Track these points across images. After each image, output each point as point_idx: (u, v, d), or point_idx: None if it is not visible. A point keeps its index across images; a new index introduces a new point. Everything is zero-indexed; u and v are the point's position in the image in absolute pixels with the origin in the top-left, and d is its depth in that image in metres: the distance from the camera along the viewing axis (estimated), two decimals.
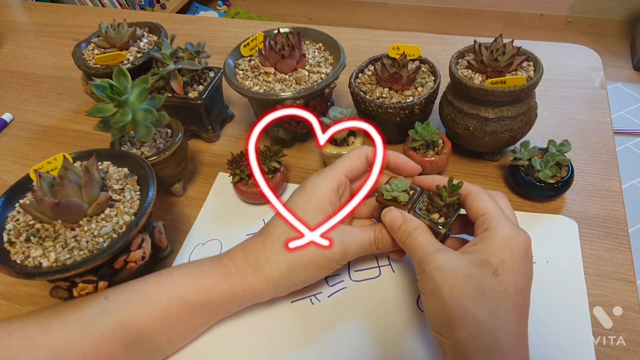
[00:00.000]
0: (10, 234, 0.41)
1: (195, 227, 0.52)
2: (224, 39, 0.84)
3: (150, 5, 2.28)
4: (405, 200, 0.40)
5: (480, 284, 0.32)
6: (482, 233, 0.36)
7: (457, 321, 0.32)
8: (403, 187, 0.41)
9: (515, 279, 0.33)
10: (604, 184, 0.52)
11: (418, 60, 0.58)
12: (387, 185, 0.41)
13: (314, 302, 0.44)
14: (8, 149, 0.66)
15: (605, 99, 0.64)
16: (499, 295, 0.32)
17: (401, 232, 0.38)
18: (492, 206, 0.37)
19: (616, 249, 0.46)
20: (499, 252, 0.34)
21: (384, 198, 0.41)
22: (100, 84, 0.45)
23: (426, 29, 2.33)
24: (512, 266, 0.33)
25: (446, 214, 0.39)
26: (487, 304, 0.32)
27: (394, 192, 0.41)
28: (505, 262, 0.33)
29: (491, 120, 0.49)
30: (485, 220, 0.36)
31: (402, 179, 0.42)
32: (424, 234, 0.37)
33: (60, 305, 0.38)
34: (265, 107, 0.55)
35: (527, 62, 0.51)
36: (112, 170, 0.46)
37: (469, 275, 0.33)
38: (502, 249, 0.34)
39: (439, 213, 0.40)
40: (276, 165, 0.52)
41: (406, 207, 0.40)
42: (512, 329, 0.32)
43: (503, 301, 0.32)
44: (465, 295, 0.32)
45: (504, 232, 0.35)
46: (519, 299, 0.33)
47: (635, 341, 0.40)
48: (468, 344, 0.32)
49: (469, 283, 0.32)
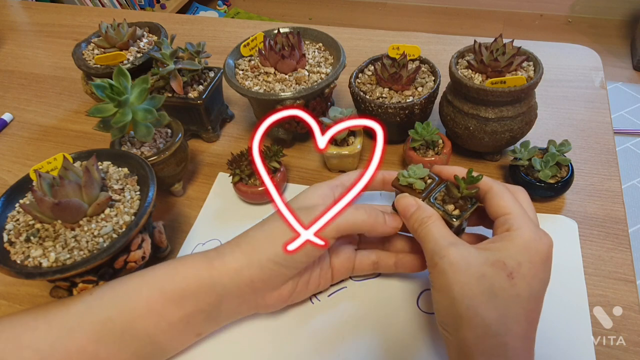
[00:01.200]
0: (10, 234, 0.41)
1: (195, 227, 0.52)
2: (224, 39, 0.84)
3: (150, 5, 2.28)
4: (421, 188, 0.39)
5: (493, 285, 0.31)
6: (503, 233, 0.34)
7: (465, 321, 0.31)
8: (421, 174, 0.40)
9: (531, 284, 0.32)
10: (604, 184, 0.52)
11: (418, 60, 0.58)
12: (405, 171, 0.40)
13: (314, 301, 0.44)
14: (8, 149, 0.66)
15: (605, 99, 0.64)
16: (510, 299, 0.31)
17: (414, 219, 0.37)
18: (515, 206, 0.35)
19: (616, 249, 0.46)
20: (517, 254, 0.32)
21: (399, 184, 0.40)
22: (100, 84, 0.45)
23: (426, 29, 2.33)
24: (529, 271, 0.32)
25: (462, 207, 0.38)
26: (498, 307, 0.31)
27: (410, 179, 0.40)
28: (522, 266, 0.32)
29: (491, 120, 0.49)
30: (506, 220, 0.35)
31: (420, 166, 0.41)
32: (437, 224, 0.36)
33: (48, 305, 0.37)
34: (265, 107, 0.55)
35: (527, 62, 0.51)
36: (112, 170, 0.46)
37: (482, 276, 0.32)
38: (521, 251, 0.33)
39: (455, 205, 0.39)
40: (276, 165, 0.52)
41: (421, 195, 0.39)
42: (519, 333, 0.31)
43: (514, 305, 0.31)
44: (476, 296, 0.31)
45: (525, 234, 0.33)
46: (531, 304, 0.32)
47: (635, 341, 0.40)
48: (473, 345, 0.31)
49: (482, 283, 0.31)
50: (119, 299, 0.37)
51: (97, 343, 0.35)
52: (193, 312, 0.38)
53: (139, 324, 0.36)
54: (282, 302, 0.41)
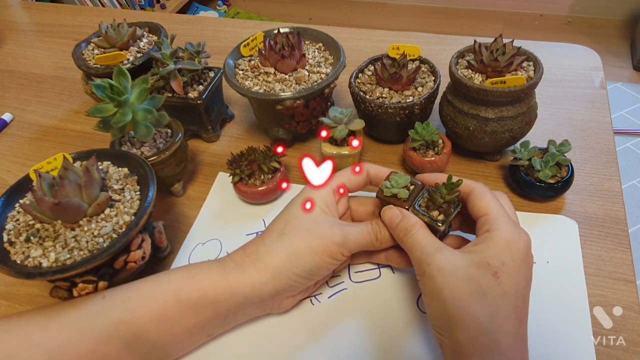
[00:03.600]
0: (10, 234, 0.41)
1: (195, 227, 0.52)
2: (224, 39, 0.84)
3: (150, 5, 2.28)
4: (405, 197, 0.40)
5: (481, 285, 0.32)
6: (484, 234, 0.36)
7: (457, 322, 0.32)
8: (403, 183, 0.41)
9: (516, 281, 0.33)
10: (604, 184, 0.52)
11: (418, 60, 0.58)
12: (387, 182, 0.41)
13: (314, 302, 0.44)
14: (8, 149, 0.66)
15: (605, 99, 0.64)
16: (499, 297, 0.32)
17: (399, 229, 0.38)
18: (494, 206, 0.37)
19: (616, 249, 0.46)
20: (499, 254, 0.34)
21: (384, 195, 0.41)
22: (100, 84, 0.45)
23: (426, 29, 2.33)
24: (512, 268, 0.33)
25: (445, 211, 0.39)
26: (487, 305, 0.32)
27: (393, 189, 0.40)
28: (506, 265, 0.33)
29: (491, 120, 0.49)
30: (486, 220, 0.36)
31: (402, 174, 0.41)
32: (422, 232, 0.37)
33: (59, 305, 0.38)
34: (265, 107, 0.55)
35: (527, 62, 0.51)
36: (112, 170, 0.46)
37: (469, 277, 0.33)
38: (503, 251, 0.34)
39: (439, 210, 0.39)
40: (276, 165, 0.52)
41: (406, 203, 0.40)
42: (511, 330, 0.32)
43: (503, 303, 0.32)
44: (466, 297, 0.32)
45: (505, 234, 0.35)
46: (518, 300, 0.33)
47: (635, 341, 0.40)
48: (467, 345, 0.32)
49: (470, 284, 0.33)
50: (131, 303, 0.37)
51: (108, 345, 0.35)
52: (210, 318, 0.39)
53: (152, 328, 0.37)
54: (294, 303, 0.43)
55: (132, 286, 0.38)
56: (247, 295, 0.38)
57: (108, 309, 0.37)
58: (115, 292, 0.38)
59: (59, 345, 0.35)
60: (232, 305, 0.39)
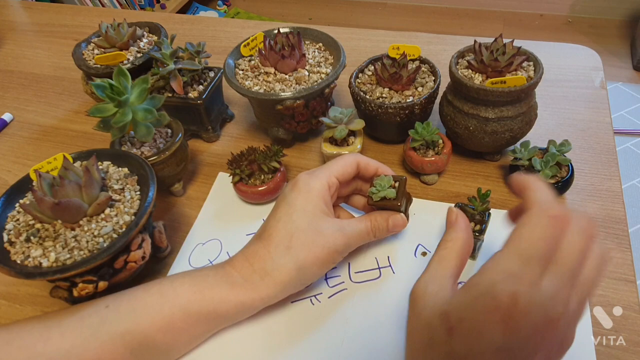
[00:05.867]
0: (10, 234, 0.41)
1: (195, 227, 0.52)
2: (224, 39, 0.84)
3: (150, 5, 2.28)
4: (393, 196, 0.42)
5: (433, 337, 0.29)
6: (473, 277, 0.29)
7: (408, 358, 0.33)
8: (387, 184, 0.42)
9: (470, 345, 0.27)
10: (604, 184, 0.52)
11: (418, 60, 0.58)
12: (372, 188, 0.42)
13: (314, 302, 0.44)
14: (8, 149, 0.66)
15: (605, 99, 0.64)
16: (443, 355, 0.28)
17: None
18: (516, 240, 0.28)
19: (616, 249, 0.46)
20: (464, 308, 0.28)
21: (374, 201, 0.42)
22: (100, 84, 0.45)
23: (426, 29, 2.33)
24: (471, 331, 0.27)
25: (480, 221, 0.43)
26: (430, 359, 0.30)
27: (380, 192, 0.42)
28: (464, 322, 0.27)
29: (491, 120, 0.49)
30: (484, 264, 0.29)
31: (382, 177, 0.43)
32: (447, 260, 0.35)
33: (60, 313, 0.37)
34: (265, 107, 0.55)
35: (527, 62, 0.51)
36: (112, 170, 0.46)
37: (428, 324, 0.30)
38: (470, 305, 0.27)
39: (474, 222, 0.43)
40: (276, 165, 0.52)
41: (397, 201, 0.42)
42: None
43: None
44: (417, 343, 0.31)
45: (481, 287, 0.27)
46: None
47: (635, 341, 0.40)
48: None
49: (425, 333, 0.30)
50: (137, 314, 0.37)
51: (112, 354, 0.35)
52: (219, 326, 0.41)
53: (159, 337, 0.37)
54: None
55: (136, 296, 0.38)
56: (258, 307, 0.40)
57: (112, 319, 0.36)
58: (119, 302, 0.37)
59: (62, 355, 0.34)
60: (242, 315, 0.41)
